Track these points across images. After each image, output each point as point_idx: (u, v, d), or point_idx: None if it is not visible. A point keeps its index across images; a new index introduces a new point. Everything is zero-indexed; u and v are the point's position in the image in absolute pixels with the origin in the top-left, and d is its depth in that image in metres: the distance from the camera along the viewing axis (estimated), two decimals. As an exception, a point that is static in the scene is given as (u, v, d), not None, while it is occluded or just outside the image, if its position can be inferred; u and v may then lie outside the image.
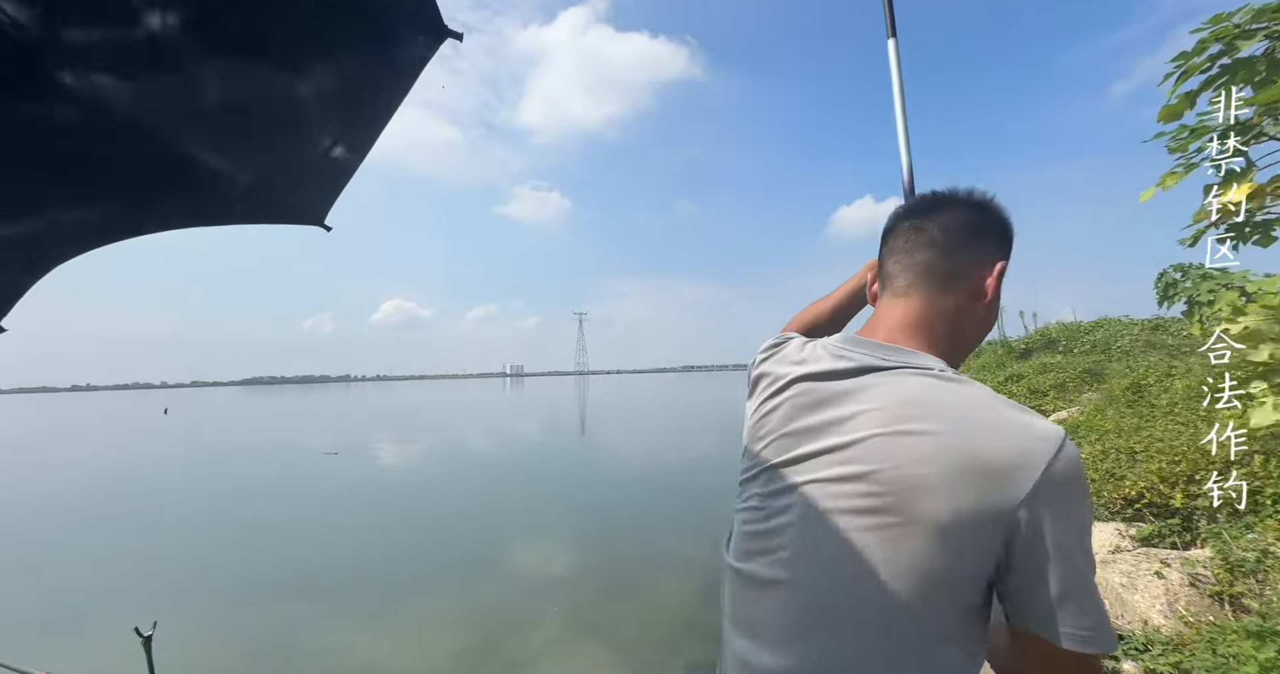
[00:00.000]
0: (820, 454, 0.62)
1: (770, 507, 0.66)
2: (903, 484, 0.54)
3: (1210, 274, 3.32)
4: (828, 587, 0.58)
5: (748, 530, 0.68)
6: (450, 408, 33.95)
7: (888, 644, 0.55)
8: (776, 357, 0.78)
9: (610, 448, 13.74)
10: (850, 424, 0.61)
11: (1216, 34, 2.40)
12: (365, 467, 11.45)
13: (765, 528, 0.65)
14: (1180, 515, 3.43)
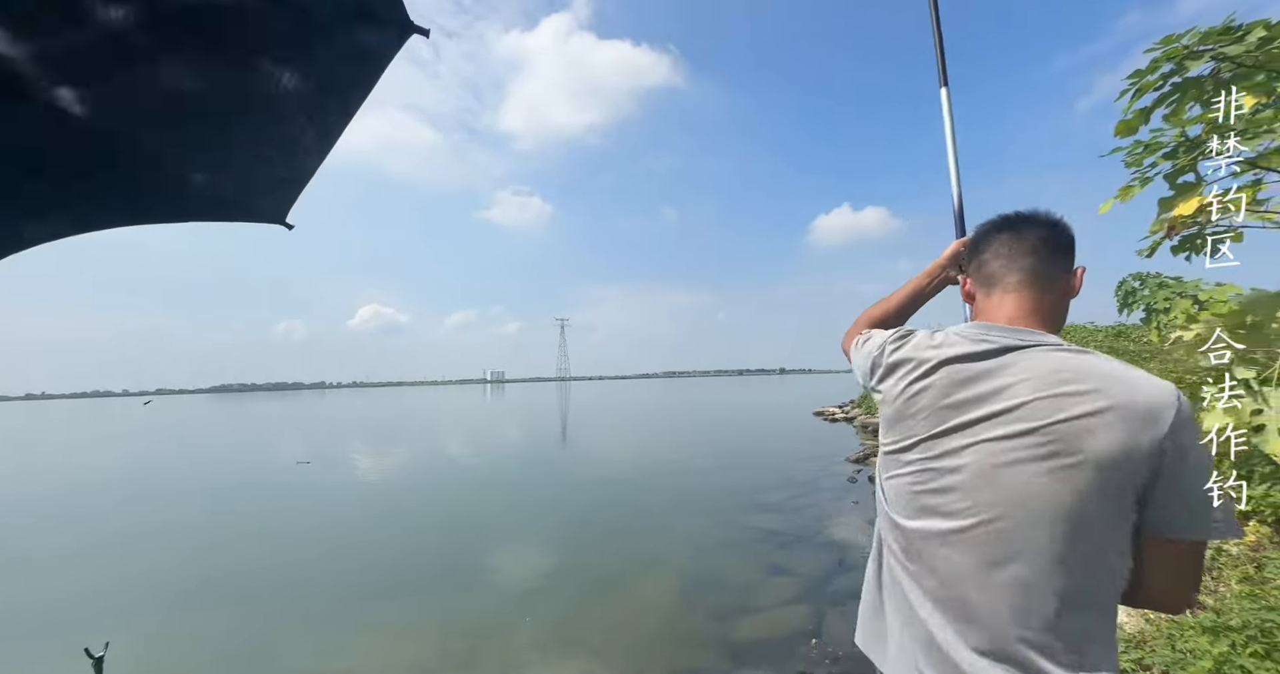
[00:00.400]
0: (988, 418, 0.76)
1: (940, 467, 0.79)
2: (1073, 431, 0.69)
3: (1166, 282, 3.47)
4: (1015, 524, 0.72)
5: (917, 491, 0.81)
6: (429, 415, 33.39)
7: (1078, 563, 0.69)
8: (909, 345, 0.91)
9: (592, 454, 13.66)
10: (1010, 392, 0.75)
11: (1167, 54, 2.51)
12: (340, 475, 11.15)
13: (938, 486, 0.79)
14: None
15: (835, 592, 4.24)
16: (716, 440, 15.52)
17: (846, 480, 8.38)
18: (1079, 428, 0.70)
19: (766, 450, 12.70)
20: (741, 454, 12.25)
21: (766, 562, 5.01)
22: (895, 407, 0.87)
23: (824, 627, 3.69)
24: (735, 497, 7.74)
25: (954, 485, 0.77)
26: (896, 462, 0.86)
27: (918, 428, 0.83)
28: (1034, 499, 0.71)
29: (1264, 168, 2.07)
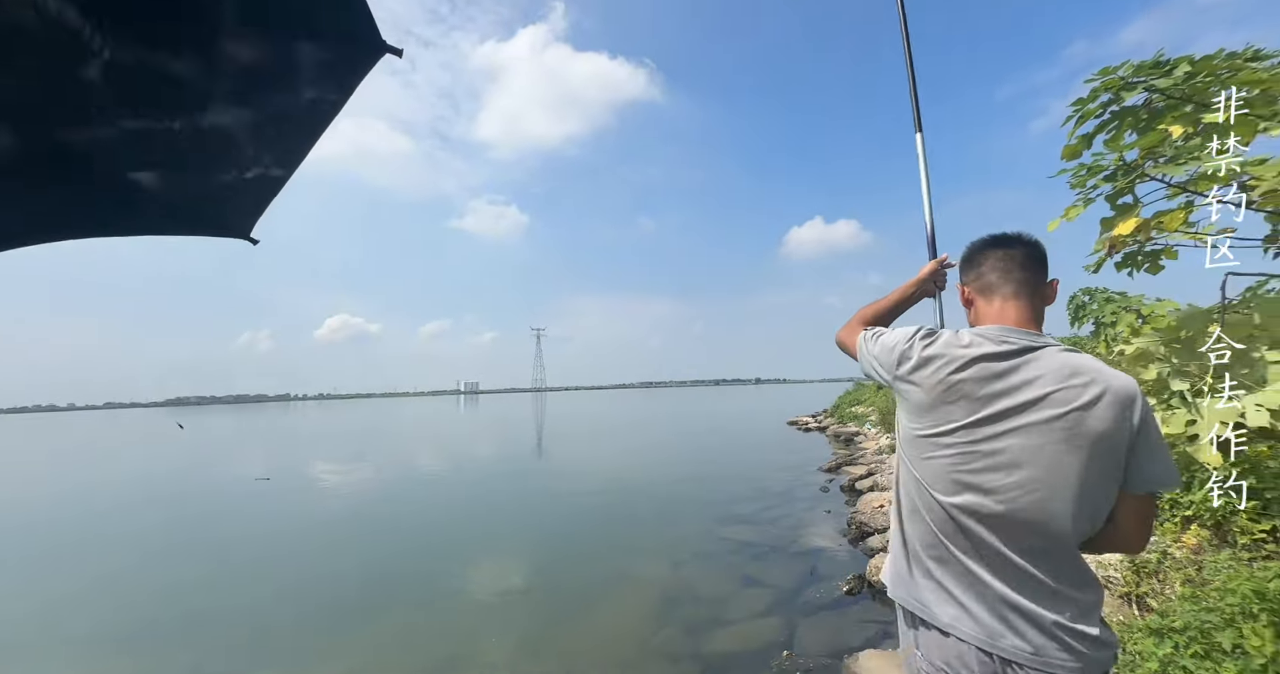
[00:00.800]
0: (1022, 408, 0.94)
1: (980, 450, 0.97)
2: (1082, 415, 0.91)
3: (1113, 297, 3.65)
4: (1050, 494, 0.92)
5: (960, 470, 0.98)
6: (399, 427, 32.60)
7: (1094, 519, 0.95)
8: (940, 342, 1.06)
9: (566, 467, 13.51)
10: (1036, 384, 0.95)
11: (1105, 84, 2.67)
12: (303, 491, 10.75)
13: (981, 466, 0.96)
14: (1095, 521, 3.68)
15: (807, 603, 4.27)
16: (692, 451, 15.54)
17: (819, 490, 8.47)
18: (1084, 411, 0.91)
19: (742, 460, 12.76)
20: (717, 465, 12.28)
21: (740, 573, 5.02)
22: (933, 395, 1.02)
23: (796, 638, 3.71)
24: (710, 508, 7.74)
25: (997, 465, 0.96)
26: (934, 444, 1.02)
27: (956, 414, 1.00)
28: (1062, 471, 0.92)
29: (1193, 191, 2.21)
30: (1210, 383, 1.81)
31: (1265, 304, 1.79)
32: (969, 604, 0.98)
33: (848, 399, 22.16)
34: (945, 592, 1.01)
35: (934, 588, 1.02)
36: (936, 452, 1.01)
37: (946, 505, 1.00)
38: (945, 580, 1.01)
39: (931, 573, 1.03)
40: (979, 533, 0.97)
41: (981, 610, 0.97)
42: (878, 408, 15.09)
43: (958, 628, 0.98)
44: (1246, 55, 2.64)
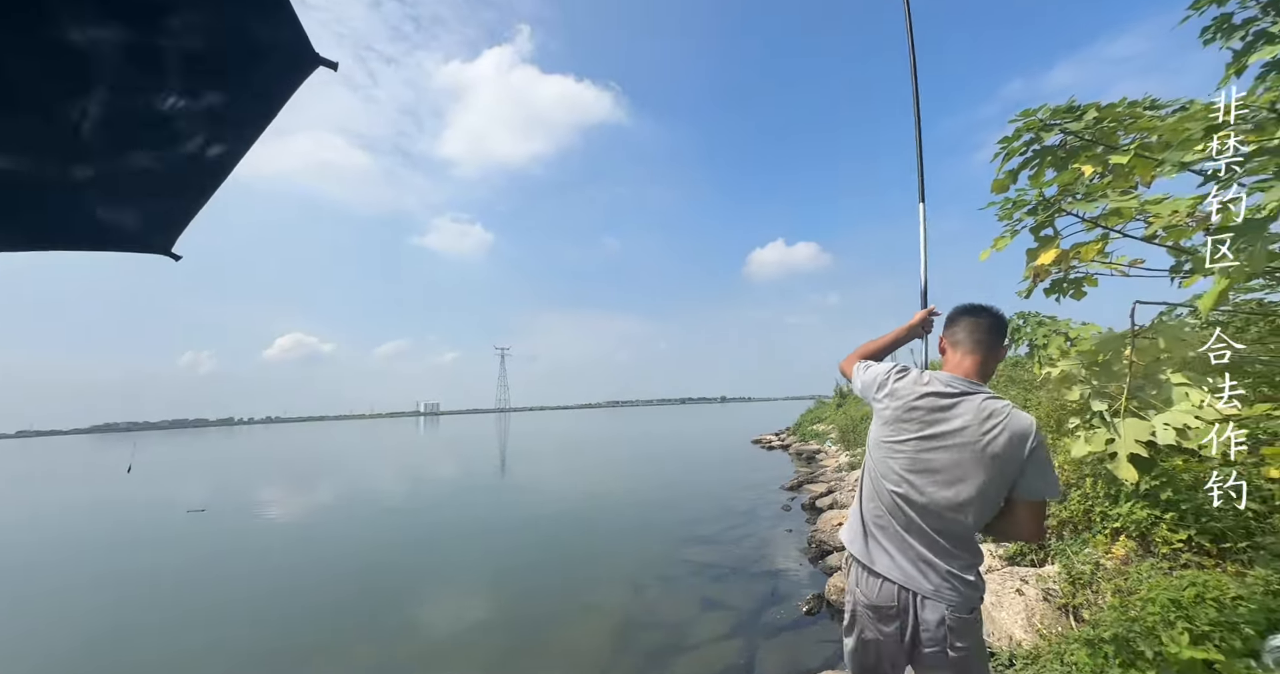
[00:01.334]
0: (952, 436, 1.39)
1: (919, 458, 1.43)
2: (990, 442, 1.35)
3: (1044, 321, 3.89)
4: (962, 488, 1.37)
5: (902, 466, 1.45)
6: (352, 451, 31.20)
7: (985, 513, 1.39)
8: (906, 379, 1.54)
9: (527, 490, 13.19)
10: (964, 417, 1.39)
11: (1027, 125, 2.89)
12: (242, 523, 10.08)
13: (918, 467, 1.43)
14: (1036, 534, 3.84)
15: (767, 624, 4.27)
16: (656, 471, 15.46)
17: (781, 508, 8.55)
18: (993, 439, 1.36)
19: (705, 480, 12.78)
20: (680, 485, 12.25)
21: (702, 596, 4.98)
22: (896, 415, 1.49)
23: (756, 660, 3.69)
24: (673, 529, 7.69)
25: (927, 470, 1.42)
26: (892, 449, 1.49)
27: (911, 429, 1.46)
28: (971, 476, 1.37)
29: (1104, 226, 2.40)
30: (1125, 403, 1.95)
31: (1166, 330, 1.95)
32: (897, 558, 1.46)
33: (809, 417, 22.60)
34: (883, 549, 1.49)
35: (876, 546, 1.50)
36: (892, 455, 1.49)
37: (892, 492, 1.47)
38: (884, 542, 1.49)
39: (876, 537, 1.51)
40: (909, 513, 1.45)
41: (905, 562, 1.44)
42: (837, 426, 15.43)
43: (890, 573, 1.45)
44: (1145, 104, 2.91)
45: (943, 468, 1.40)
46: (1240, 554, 2.48)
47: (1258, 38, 3.17)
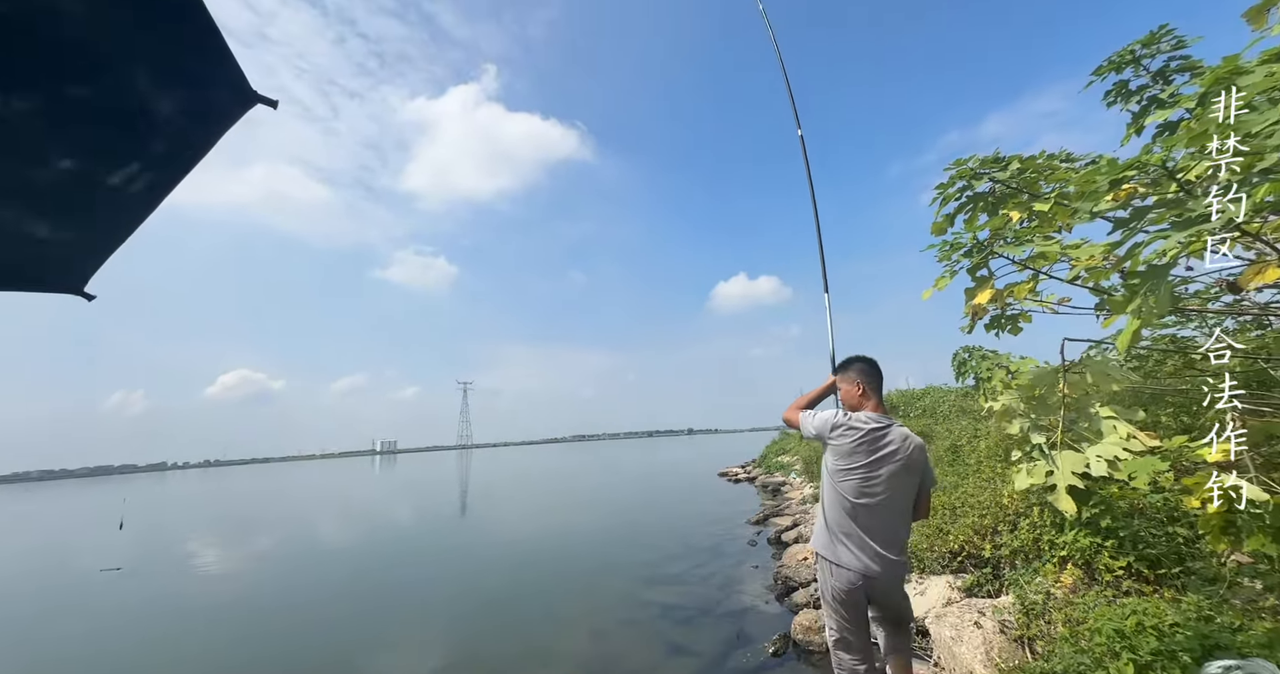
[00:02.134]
0: (891, 455, 2.11)
1: (871, 476, 2.09)
2: (909, 458, 2.13)
3: (987, 355, 4.10)
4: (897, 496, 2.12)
5: (858, 484, 2.10)
6: (297, 494, 29.34)
7: (910, 516, 2.20)
8: (850, 420, 2.18)
9: (486, 531, 12.63)
10: (892, 444, 2.13)
11: (959, 173, 3.11)
12: (165, 581, 9.20)
13: (869, 485, 2.10)
14: (991, 564, 3.91)
15: (734, 669, 4.14)
16: (621, 507, 15.12)
17: (747, 543, 8.45)
18: (912, 459, 2.12)
19: (671, 515, 12.55)
20: (646, 521, 11.99)
21: (665, 641, 4.81)
22: (849, 449, 2.13)
23: (722, 710, 3.55)
24: (637, 569, 7.47)
25: (876, 484, 2.09)
26: (848, 473, 2.13)
27: (860, 458, 2.11)
28: (906, 485, 2.13)
29: (1031, 268, 2.58)
30: (1060, 436, 2.04)
31: (1093, 366, 2.08)
32: (859, 554, 2.09)
33: (774, 448, 22.74)
34: (845, 547, 2.12)
35: (841, 545, 2.14)
36: (850, 477, 2.13)
37: (854, 503, 2.12)
38: (846, 541, 2.13)
39: (839, 538, 2.15)
40: (865, 517, 2.11)
41: (862, 555, 2.09)
42: (801, 457, 15.57)
43: (851, 565, 2.09)
44: (1061, 157, 3.19)
45: (886, 478, 2.11)
46: (1175, 580, 2.58)
47: (1151, 102, 3.56)
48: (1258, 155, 1.45)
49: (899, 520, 2.14)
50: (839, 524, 2.14)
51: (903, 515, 2.15)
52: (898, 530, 2.13)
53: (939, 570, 4.25)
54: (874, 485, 2.09)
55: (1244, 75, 1.60)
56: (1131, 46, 3.71)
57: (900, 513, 2.14)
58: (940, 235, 3.26)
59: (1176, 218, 1.50)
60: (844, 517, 2.13)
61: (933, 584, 4.05)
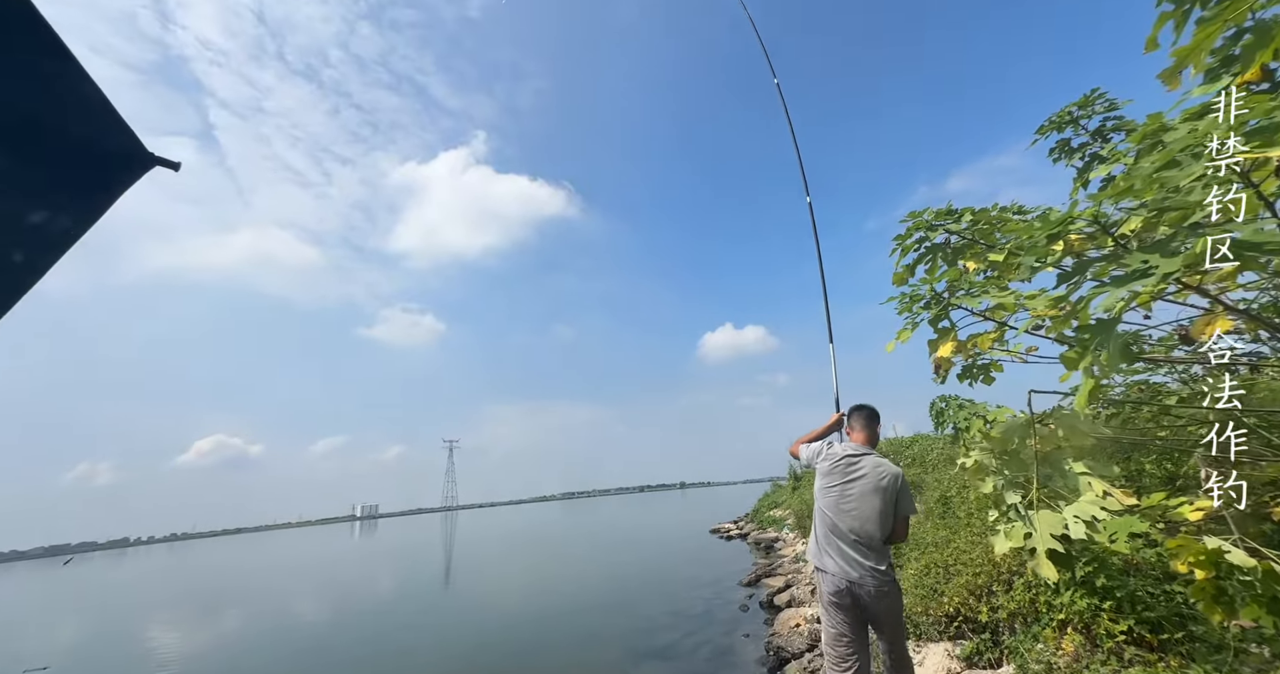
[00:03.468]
0: (862, 477, 2.61)
1: (845, 494, 2.60)
2: (880, 482, 2.58)
3: (964, 404, 4.04)
4: (869, 512, 2.54)
5: (835, 500, 2.63)
6: (269, 566, 27.60)
7: (885, 527, 2.55)
8: (830, 449, 2.80)
9: (470, 601, 11.83)
10: (864, 468, 2.63)
11: (916, 225, 3.17)
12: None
13: (844, 501, 2.60)
14: (989, 628, 3.67)
15: (723, 760, 3.74)
16: (610, 571, 14.35)
17: (739, 608, 7.97)
18: (881, 480, 2.58)
19: (661, 578, 11.92)
20: (634, 586, 11.35)
21: (650, 728, 4.38)
22: (825, 468, 2.72)
23: None
24: (625, 639, 6.97)
25: (849, 501, 2.59)
26: (828, 492, 2.66)
27: (837, 479, 2.66)
28: (874, 503, 2.54)
29: (991, 318, 2.57)
30: (1036, 494, 1.94)
31: (1063, 419, 2.02)
32: (839, 561, 2.52)
33: (766, 502, 22.09)
34: (831, 556, 2.56)
35: (827, 554, 2.59)
36: (829, 494, 2.64)
37: (833, 517, 2.59)
38: (831, 551, 2.57)
39: (826, 549, 2.60)
40: (844, 530, 2.55)
41: (844, 563, 2.50)
42: (794, 510, 15.09)
43: (835, 570, 2.52)
44: (1013, 209, 3.27)
45: (857, 496, 2.58)
46: (1179, 645, 2.41)
47: (1093, 159, 3.72)
48: (1187, 210, 1.47)
49: (872, 533, 2.52)
50: (824, 537, 2.65)
51: (874, 529, 2.52)
52: (872, 541, 2.52)
53: (936, 636, 3.98)
54: (847, 501, 2.59)
55: (1169, 132, 1.65)
56: (1069, 108, 3.93)
57: (872, 527, 2.52)
58: (901, 286, 3.28)
59: (1117, 271, 1.49)
60: (827, 530, 2.64)
61: (930, 652, 3.78)
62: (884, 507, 2.53)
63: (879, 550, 2.51)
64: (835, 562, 2.53)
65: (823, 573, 2.57)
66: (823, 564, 2.58)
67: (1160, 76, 1.85)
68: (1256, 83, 2.01)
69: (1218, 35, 1.65)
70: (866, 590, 2.44)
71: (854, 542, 2.52)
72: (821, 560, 2.60)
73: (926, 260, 3.27)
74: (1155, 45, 1.66)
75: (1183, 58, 1.67)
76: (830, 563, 2.54)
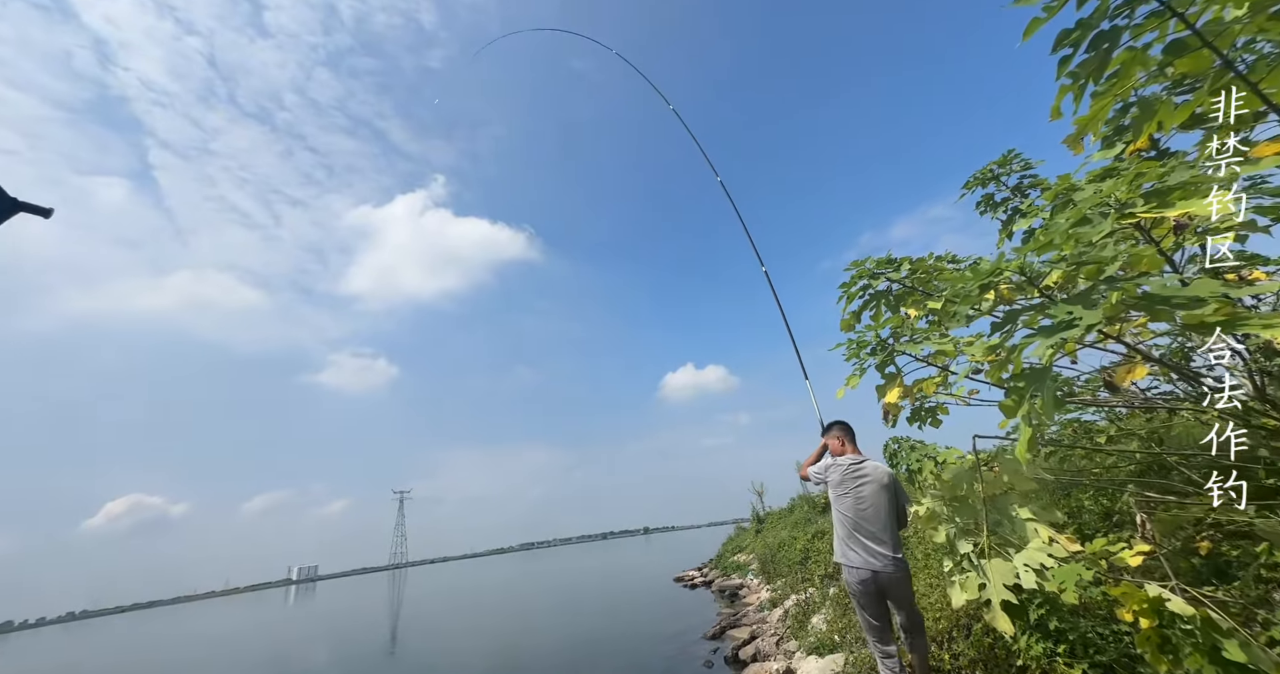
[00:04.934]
0: (868, 479, 3.30)
1: (860, 495, 3.26)
2: (885, 481, 3.28)
3: (915, 445, 4.13)
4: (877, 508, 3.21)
5: (852, 502, 3.27)
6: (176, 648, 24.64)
7: (891, 519, 3.22)
8: (837, 461, 3.48)
9: (417, 667, 10.82)
10: (869, 470, 3.34)
11: (859, 273, 3.29)
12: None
13: (859, 501, 3.24)
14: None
15: None
16: (566, 628, 13.52)
17: (703, 665, 7.60)
18: (883, 479, 3.27)
19: (621, 634, 11.30)
20: (593, 645, 10.70)
21: None
22: (838, 478, 3.37)
23: None
24: (581, 711, 6.45)
25: (862, 501, 3.23)
26: (843, 497, 3.30)
27: (849, 485, 3.31)
28: (883, 498, 3.22)
29: (934, 364, 2.65)
30: (987, 541, 1.94)
31: (1006, 464, 2.06)
32: (864, 554, 3.11)
33: (730, 547, 21.68)
34: (855, 551, 3.14)
35: (850, 549, 3.18)
36: (845, 498, 3.27)
37: (854, 517, 3.20)
38: (855, 547, 3.15)
39: (848, 544, 3.20)
40: (865, 526, 3.16)
41: (868, 555, 3.09)
42: (758, 555, 14.82)
43: (858, 562, 3.11)
44: (948, 258, 3.45)
45: (869, 495, 3.19)
46: (1133, 690, 2.41)
47: (1015, 213, 4.02)
48: (1101, 263, 1.57)
49: (887, 525, 3.12)
50: (846, 535, 3.20)
51: (888, 521, 3.14)
52: (888, 531, 3.11)
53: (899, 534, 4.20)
54: (863, 501, 3.20)
55: (1078, 191, 1.78)
56: (990, 166, 4.27)
57: (886, 519, 3.15)
58: (848, 332, 3.38)
59: (1045, 321, 1.56)
60: (848, 528, 3.19)
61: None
62: (890, 500, 3.20)
63: (893, 539, 3.10)
64: (860, 555, 3.10)
65: (848, 567, 3.15)
66: (848, 559, 3.15)
67: (1065, 142, 2.03)
68: (1146, 150, 2.23)
69: (1109, 107, 1.83)
70: (887, 574, 3.00)
71: (873, 534, 3.11)
72: (846, 556, 3.17)
73: (871, 307, 3.39)
74: (1059, 114, 1.81)
75: (1083, 126, 1.83)
76: (855, 557, 3.11)
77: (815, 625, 6.46)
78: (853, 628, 5.22)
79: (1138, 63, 1.73)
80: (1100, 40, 1.74)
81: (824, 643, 5.51)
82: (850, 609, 5.66)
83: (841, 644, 5.21)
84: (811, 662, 5.23)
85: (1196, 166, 1.59)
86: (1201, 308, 1.27)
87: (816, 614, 6.93)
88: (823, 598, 7.50)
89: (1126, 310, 1.45)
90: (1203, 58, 1.71)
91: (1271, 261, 2.36)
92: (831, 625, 5.79)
